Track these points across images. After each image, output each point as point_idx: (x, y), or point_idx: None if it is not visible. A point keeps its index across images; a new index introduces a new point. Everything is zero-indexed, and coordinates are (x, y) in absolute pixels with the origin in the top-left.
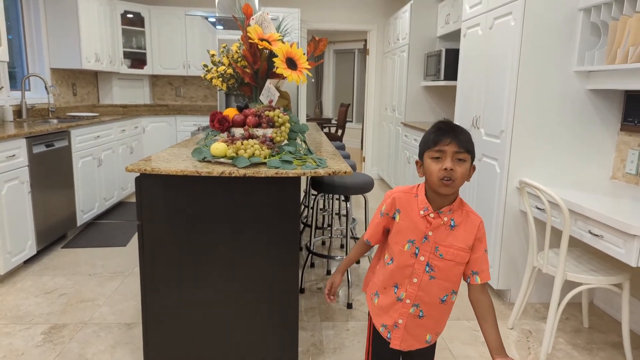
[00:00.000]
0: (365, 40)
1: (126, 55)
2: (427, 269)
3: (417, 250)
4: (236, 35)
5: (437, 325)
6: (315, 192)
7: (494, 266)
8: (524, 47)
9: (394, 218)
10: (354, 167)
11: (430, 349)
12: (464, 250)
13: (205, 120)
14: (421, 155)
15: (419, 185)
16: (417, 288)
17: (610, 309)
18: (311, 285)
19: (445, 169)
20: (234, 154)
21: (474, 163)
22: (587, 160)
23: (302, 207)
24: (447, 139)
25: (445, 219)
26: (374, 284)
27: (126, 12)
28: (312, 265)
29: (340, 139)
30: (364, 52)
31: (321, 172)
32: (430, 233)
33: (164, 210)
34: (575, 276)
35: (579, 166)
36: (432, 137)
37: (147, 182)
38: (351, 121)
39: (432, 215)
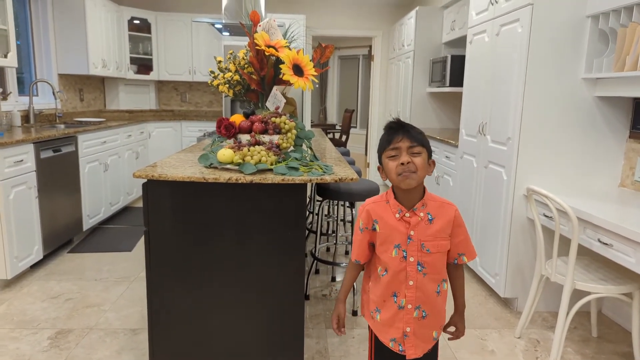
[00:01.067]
0: (370, 46)
1: (133, 61)
2: (419, 267)
3: (404, 253)
4: (242, 41)
5: (439, 319)
6: (320, 198)
7: (500, 274)
8: (531, 54)
9: (374, 230)
10: (359, 174)
11: (434, 351)
12: (445, 239)
13: (210, 126)
14: (380, 160)
15: (387, 192)
16: (415, 290)
17: (619, 319)
18: (316, 291)
19: (402, 163)
20: (240, 161)
21: (434, 158)
22: (595, 167)
23: (307, 213)
24: (399, 135)
25: (422, 214)
26: (372, 302)
27: (133, 19)
28: (317, 271)
29: (344, 144)
30: (369, 58)
31: (328, 178)
32: (412, 232)
33: (170, 216)
34: (584, 285)
35: (586, 174)
36: (386, 138)
37: (154, 188)
38: (355, 127)
39: (407, 215)
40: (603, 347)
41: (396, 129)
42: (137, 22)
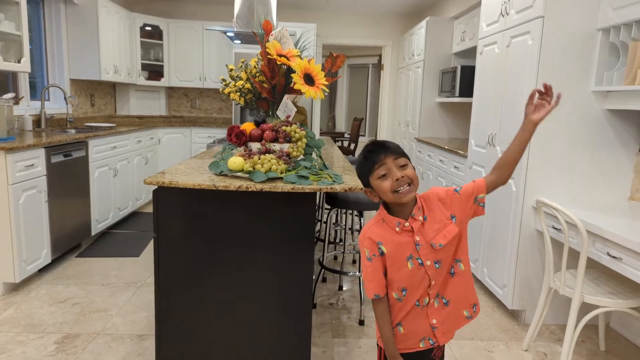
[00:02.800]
0: (380, 55)
1: (144, 67)
2: (437, 265)
3: (420, 261)
4: (253, 49)
5: (466, 298)
6: (329, 207)
7: (508, 286)
8: (542, 66)
9: (382, 254)
10: None
11: (441, 358)
12: (448, 223)
13: (219, 133)
14: (367, 184)
15: (378, 212)
16: (437, 286)
17: (628, 333)
18: (323, 300)
19: (397, 179)
20: (250, 169)
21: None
22: (605, 180)
23: (315, 221)
24: (381, 154)
25: (420, 218)
26: (392, 321)
27: (145, 25)
28: (324, 280)
29: (353, 153)
30: (379, 67)
31: (337, 188)
32: (417, 238)
33: (180, 222)
34: (593, 299)
35: (596, 186)
36: (370, 162)
37: (165, 195)
38: (364, 135)
39: (406, 224)
40: None
41: (377, 151)
42: (148, 28)
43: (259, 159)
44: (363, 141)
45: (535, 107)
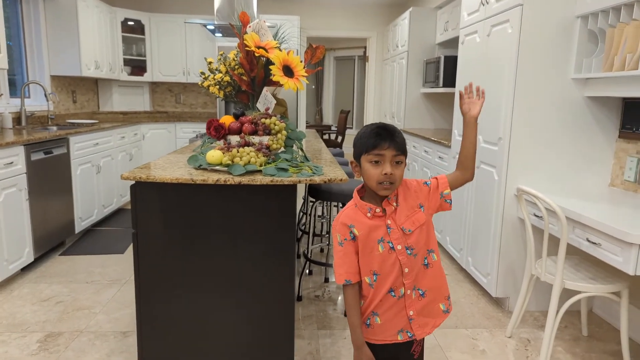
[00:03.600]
0: (365, 47)
1: (126, 62)
2: (408, 251)
3: (390, 244)
4: (235, 42)
5: (440, 292)
6: (313, 199)
7: (492, 274)
8: (522, 55)
9: (353, 238)
10: (351, 175)
11: (421, 354)
12: (417, 212)
13: (204, 127)
14: (358, 157)
15: (353, 197)
16: (410, 275)
17: (609, 317)
18: (309, 292)
19: (385, 174)
20: (229, 162)
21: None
22: (586, 167)
23: (300, 214)
24: (385, 143)
25: (395, 203)
26: (366, 309)
27: (126, 20)
28: (310, 272)
29: (340, 145)
30: (364, 59)
31: (317, 179)
32: (389, 221)
33: (159, 218)
34: (573, 284)
35: (577, 173)
36: (372, 142)
37: (143, 190)
38: (351, 128)
39: (377, 210)
40: (593, 346)
41: (384, 136)
42: (130, 23)
43: (238, 152)
44: (350, 134)
45: (469, 105)
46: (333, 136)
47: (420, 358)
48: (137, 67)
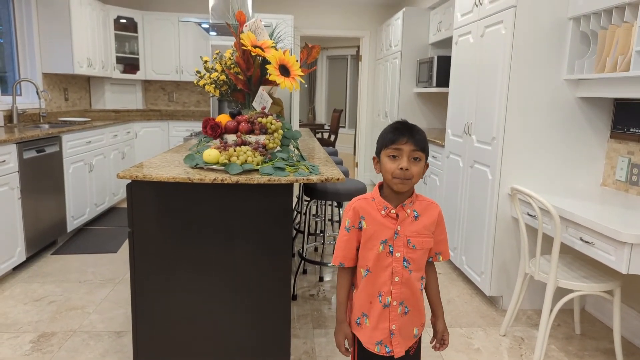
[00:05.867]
0: (358, 47)
1: (119, 60)
2: (405, 264)
3: (391, 248)
4: (229, 41)
5: (420, 316)
6: (308, 198)
7: (485, 272)
8: (515, 55)
9: (360, 228)
10: (346, 174)
11: (418, 351)
12: (429, 236)
13: (197, 126)
14: (378, 152)
15: (374, 190)
16: (400, 286)
17: (602, 316)
18: (304, 292)
19: (401, 168)
20: (226, 161)
21: (428, 161)
22: (578, 167)
23: (295, 213)
24: (404, 138)
25: (409, 211)
26: (357, 309)
27: (119, 18)
28: (305, 271)
29: (333, 144)
30: (357, 58)
31: (314, 179)
32: (399, 228)
33: (155, 217)
34: (566, 283)
35: (569, 173)
36: (390, 137)
37: (139, 189)
38: (344, 127)
39: (393, 211)
40: (586, 344)
41: (403, 131)
42: (123, 21)
43: (235, 151)
44: (343, 132)
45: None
46: (326, 135)
47: (416, 356)
48: (130, 65)
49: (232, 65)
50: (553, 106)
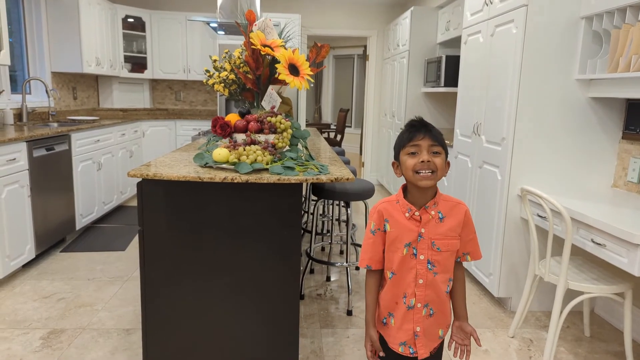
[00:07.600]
0: (365, 46)
1: (127, 59)
2: (429, 266)
3: (415, 251)
4: (237, 40)
5: (445, 318)
6: (316, 198)
7: (494, 273)
8: (526, 55)
9: (384, 231)
10: (354, 173)
11: (440, 351)
12: (455, 238)
13: (204, 125)
14: (397, 156)
15: (397, 192)
16: (424, 288)
17: (611, 318)
18: (311, 291)
19: (422, 161)
20: (236, 160)
21: (448, 159)
22: (589, 168)
23: (302, 212)
24: (421, 134)
25: (433, 212)
26: (383, 309)
27: (127, 17)
28: (312, 271)
29: (339, 144)
30: (364, 57)
31: (323, 178)
32: (422, 230)
33: (165, 215)
34: (577, 285)
35: (580, 174)
36: (407, 135)
37: (149, 188)
38: (350, 126)
39: (417, 213)
40: (595, 347)
41: (418, 127)
42: (131, 20)
43: (244, 150)
44: (349, 132)
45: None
46: (332, 134)
47: (437, 356)
48: (138, 64)
49: (242, 65)
50: (564, 106)
